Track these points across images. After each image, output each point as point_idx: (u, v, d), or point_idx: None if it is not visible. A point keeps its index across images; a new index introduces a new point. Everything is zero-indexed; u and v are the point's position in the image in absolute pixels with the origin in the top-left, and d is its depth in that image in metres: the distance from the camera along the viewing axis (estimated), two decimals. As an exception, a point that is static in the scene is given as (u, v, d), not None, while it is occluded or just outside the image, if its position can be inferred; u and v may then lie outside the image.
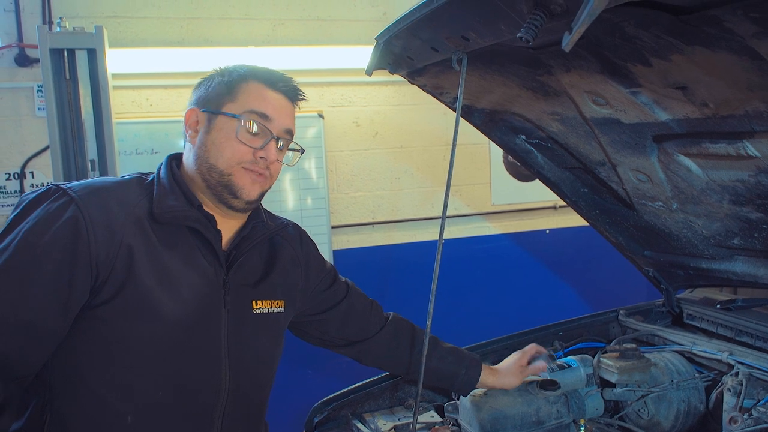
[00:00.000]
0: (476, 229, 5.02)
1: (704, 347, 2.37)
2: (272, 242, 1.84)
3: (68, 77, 3.39)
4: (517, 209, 5.08)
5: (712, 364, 2.32)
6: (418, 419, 2.24)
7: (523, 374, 2.21)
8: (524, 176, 4.97)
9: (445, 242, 1.63)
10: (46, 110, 3.37)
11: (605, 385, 2.29)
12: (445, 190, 1.68)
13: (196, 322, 1.57)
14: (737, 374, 2.08)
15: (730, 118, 1.57)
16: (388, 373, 2.41)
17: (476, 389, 2.18)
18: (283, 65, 4.17)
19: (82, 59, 3.40)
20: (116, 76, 3.79)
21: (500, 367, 2.24)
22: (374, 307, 2.18)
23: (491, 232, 5.05)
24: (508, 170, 5.00)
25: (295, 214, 4.45)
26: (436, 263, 1.68)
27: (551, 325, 2.82)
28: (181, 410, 1.58)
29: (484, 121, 2.41)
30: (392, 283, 4.75)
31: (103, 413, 1.50)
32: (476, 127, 2.45)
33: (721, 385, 2.16)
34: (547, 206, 5.08)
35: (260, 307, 1.73)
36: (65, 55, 3.38)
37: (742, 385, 2.01)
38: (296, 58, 4.27)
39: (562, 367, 2.29)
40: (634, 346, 2.31)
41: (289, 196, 4.45)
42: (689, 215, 2.19)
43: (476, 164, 4.96)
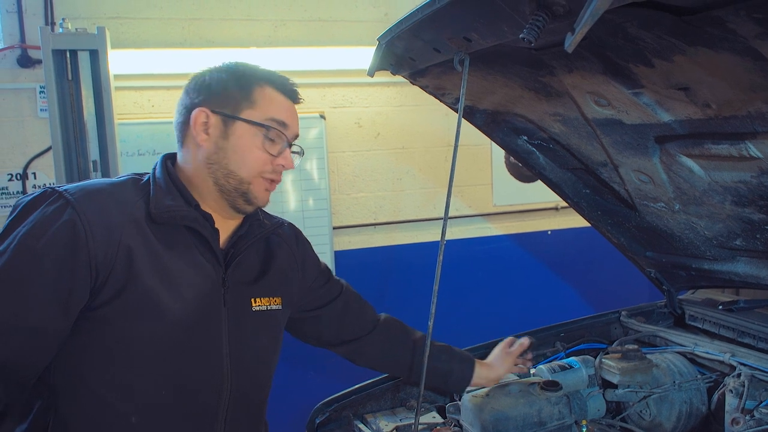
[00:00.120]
0: (478, 230, 5.02)
1: (706, 348, 2.36)
2: (268, 241, 1.85)
3: (70, 78, 3.40)
4: (518, 210, 5.08)
5: (714, 365, 2.32)
6: (419, 420, 2.24)
7: (511, 357, 2.27)
8: (526, 177, 4.97)
9: (446, 243, 1.62)
10: (48, 111, 3.37)
11: (607, 386, 2.29)
12: (447, 191, 1.68)
13: (197, 320, 1.57)
14: (739, 375, 2.08)
15: (732, 119, 1.57)
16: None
17: (478, 390, 2.19)
18: (284, 66, 4.18)
19: (84, 60, 3.40)
20: (118, 77, 3.79)
21: (489, 359, 2.29)
22: (368, 307, 2.20)
23: (493, 233, 5.05)
24: (509, 171, 5.00)
25: (296, 215, 4.45)
26: (438, 264, 1.68)
27: (553, 326, 2.82)
28: (184, 410, 1.58)
29: (486, 122, 2.41)
30: (394, 284, 4.75)
31: (106, 414, 1.50)
32: (478, 128, 2.45)
33: (723, 386, 2.15)
34: (548, 207, 5.08)
35: (259, 304, 1.73)
36: (67, 56, 3.38)
37: (744, 386, 2.00)
38: (298, 59, 4.28)
39: (564, 368, 2.29)
40: (636, 347, 2.31)
41: (290, 197, 4.45)
42: (691, 216, 2.19)
43: (478, 165, 4.96)
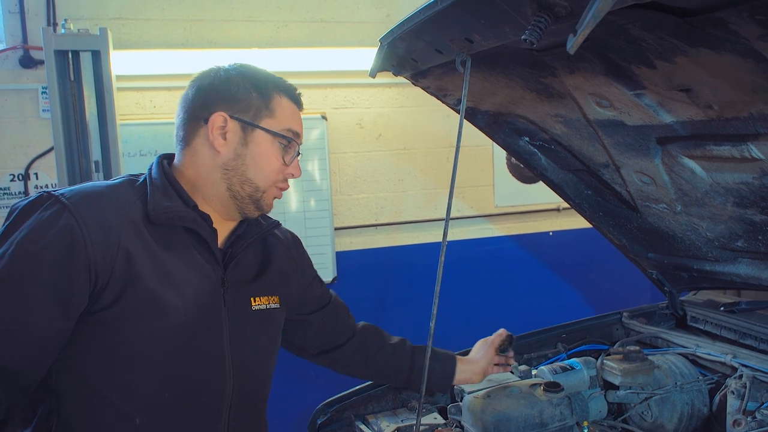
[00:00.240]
0: (479, 230, 5.02)
1: (708, 350, 2.36)
2: (265, 241, 1.86)
3: (72, 79, 3.40)
4: (520, 211, 5.08)
5: (715, 366, 2.32)
6: (421, 421, 2.24)
7: (491, 348, 2.29)
8: (527, 178, 4.97)
9: (448, 244, 1.62)
10: (50, 112, 3.38)
11: (608, 387, 2.28)
12: (448, 191, 1.68)
13: (198, 321, 1.58)
14: (741, 377, 2.07)
15: (734, 120, 1.57)
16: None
17: (479, 391, 2.18)
18: (286, 67, 4.20)
19: (86, 61, 3.41)
20: (120, 77, 3.80)
21: (470, 355, 2.31)
22: (350, 316, 2.21)
23: (494, 233, 5.05)
24: (511, 172, 5.00)
25: (298, 215, 4.46)
26: (439, 265, 1.67)
27: (554, 327, 2.81)
28: (187, 410, 1.58)
29: (487, 123, 2.41)
30: (395, 284, 4.75)
31: (110, 416, 1.50)
32: (480, 129, 2.45)
33: (724, 387, 2.15)
34: (550, 208, 5.08)
35: (258, 303, 1.74)
36: (70, 56, 3.39)
37: (745, 387, 2.00)
38: (300, 59, 4.28)
39: (565, 369, 2.29)
40: (637, 348, 2.31)
41: (292, 197, 4.45)
42: (693, 217, 2.19)
43: (479, 166, 4.96)
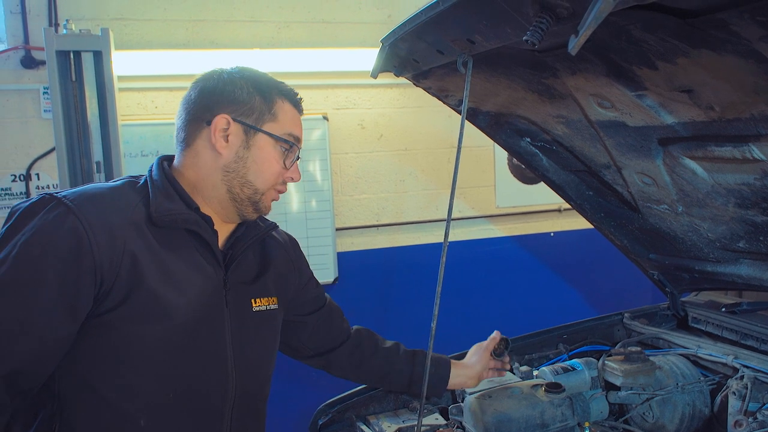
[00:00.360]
0: (480, 231, 5.02)
1: (709, 350, 2.36)
2: (263, 243, 1.87)
3: (74, 79, 3.40)
4: (521, 212, 5.08)
5: (717, 367, 2.32)
6: (422, 421, 2.24)
7: (485, 352, 2.27)
8: (529, 179, 4.97)
9: (449, 245, 1.63)
10: (52, 112, 3.38)
11: (610, 388, 2.29)
12: (449, 192, 1.69)
13: (201, 322, 1.58)
14: (742, 377, 2.07)
15: (735, 121, 1.57)
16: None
17: (481, 391, 2.18)
18: (288, 68, 4.19)
19: (88, 61, 3.41)
20: (122, 78, 3.80)
21: (465, 359, 2.30)
22: (344, 319, 2.21)
23: (496, 234, 5.05)
24: (512, 173, 5.00)
25: (299, 216, 4.46)
26: (441, 265, 1.67)
27: (556, 327, 2.81)
28: (191, 411, 1.59)
29: (489, 123, 2.41)
30: (396, 285, 4.75)
31: (114, 418, 1.50)
32: (481, 129, 2.45)
33: (726, 388, 2.15)
34: (551, 209, 5.08)
35: (259, 304, 1.75)
36: (71, 57, 3.39)
37: (747, 388, 2.00)
38: (301, 60, 4.28)
39: (566, 369, 2.29)
40: (638, 349, 2.31)
41: (293, 198, 4.45)
42: (694, 218, 2.19)
43: (481, 167, 4.96)
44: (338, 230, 4.62)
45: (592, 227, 2.74)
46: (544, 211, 5.09)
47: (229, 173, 1.63)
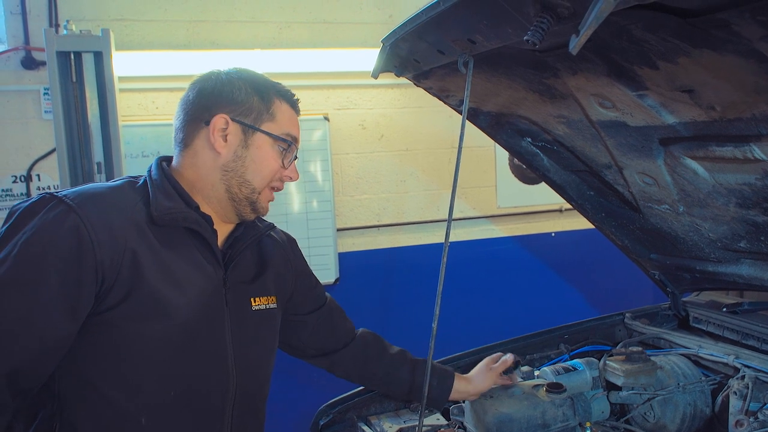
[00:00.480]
0: (482, 231, 5.02)
1: (710, 350, 2.36)
2: (261, 242, 1.87)
3: (75, 80, 3.40)
4: (522, 212, 5.08)
5: (718, 367, 2.32)
6: (423, 422, 2.24)
7: (493, 373, 2.22)
8: (530, 179, 4.97)
9: (450, 245, 1.62)
10: (52, 113, 3.38)
11: (611, 388, 2.28)
12: (450, 192, 1.69)
13: (202, 320, 1.59)
14: (743, 377, 2.07)
15: (737, 121, 1.57)
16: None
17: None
18: (289, 68, 4.20)
19: (88, 62, 3.40)
20: (123, 78, 3.79)
21: (470, 374, 2.25)
22: (347, 320, 2.20)
23: (497, 234, 5.05)
24: (513, 173, 5.00)
25: (300, 216, 4.46)
26: (442, 266, 1.67)
27: (557, 328, 2.81)
28: (191, 410, 1.59)
29: (490, 123, 2.41)
30: (398, 285, 4.75)
31: (114, 416, 1.50)
32: (482, 129, 2.45)
33: (727, 388, 2.15)
34: (552, 209, 5.08)
35: (258, 303, 1.76)
36: (72, 57, 3.39)
37: (748, 388, 2.00)
38: (302, 60, 4.28)
39: (567, 370, 2.29)
40: (640, 349, 2.31)
41: (294, 198, 4.45)
42: (696, 218, 2.19)
43: (482, 167, 4.96)
44: (339, 231, 4.62)
45: (593, 227, 2.74)
46: (545, 211, 5.09)
47: (227, 172, 1.63)
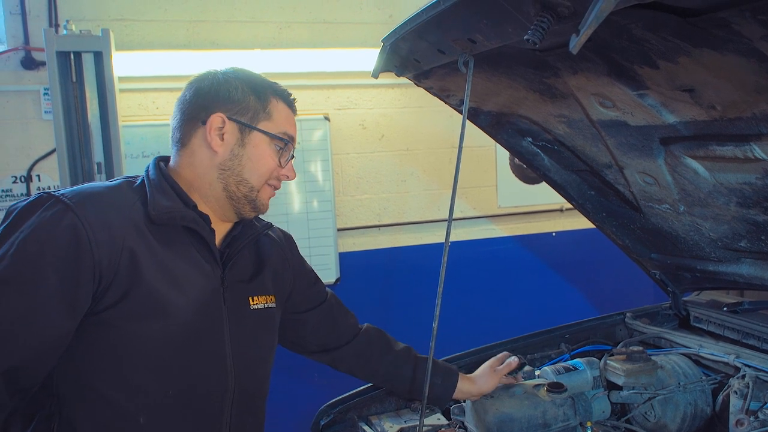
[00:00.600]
0: (482, 231, 5.02)
1: (711, 350, 2.36)
2: (259, 241, 1.88)
3: (75, 80, 3.40)
4: (523, 212, 5.08)
5: (718, 366, 2.32)
6: (424, 422, 2.24)
7: (497, 375, 2.22)
8: (530, 179, 4.96)
9: (451, 245, 1.63)
10: (52, 113, 3.38)
11: (612, 387, 2.28)
12: (451, 192, 1.68)
13: (200, 320, 1.59)
14: (744, 377, 2.07)
15: (737, 120, 1.57)
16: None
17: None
18: (289, 68, 4.20)
19: (88, 62, 3.41)
20: (123, 78, 3.80)
21: (474, 374, 2.25)
22: (350, 316, 2.20)
23: (497, 234, 5.05)
24: (514, 173, 5.00)
25: (301, 216, 4.46)
26: (442, 266, 1.67)
27: (558, 327, 2.81)
28: (190, 409, 1.59)
29: (490, 123, 2.41)
30: (398, 285, 4.75)
31: (113, 416, 1.50)
32: (482, 129, 2.45)
33: (727, 387, 2.15)
34: (553, 209, 5.08)
35: (256, 303, 1.76)
36: (72, 58, 3.39)
37: (748, 387, 2.00)
38: (302, 60, 4.28)
39: (568, 369, 2.29)
40: (640, 348, 2.31)
41: (295, 198, 4.45)
42: (696, 218, 2.19)
43: (482, 167, 4.96)
44: (340, 230, 4.62)
45: (593, 227, 2.74)
46: (545, 210, 5.09)
47: (224, 171, 1.64)
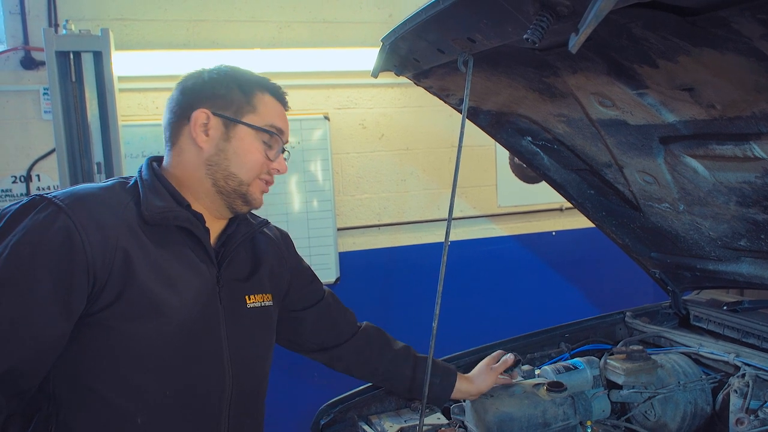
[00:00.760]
0: (482, 231, 5.02)
1: (711, 349, 2.36)
2: (255, 239, 1.87)
3: (74, 80, 3.40)
4: (523, 211, 5.08)
5: (718, 365, 2.32)
6: (424, 421, 2.24)
7: (494, 373, 2.23)
8: (530, 178, 4.96)
9: (451, 244, 1.62)
10: (52, 113, 3.38)
11: (612, 386, 2.28)
12: (451, 192, 1.68)
13: (196, 319, 1.58)
14: (744, 376, 2.07)
15: (737, 119, 1.57)
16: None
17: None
18: (289, 67, 4.20)
19: (88, 62, 3.40)
20: (122, 78, 3.80)
21: (472, 374, 2.26)
22: (348, 314, 2.19)
23: (497, 233, 5.05)
24: (514, 172, 4.99)
25: (300, 216, 4.46)
26: (442, 265, 1.67)
27: (558, 326, 2.81)
28: (188, 409, 1.59)
29: (490, 122, 2.41)
30: (398, 285, 4.75)
31: (111, 416, 1.50)
32: (482, 128, 2.45)
33: (727, 386, 2.15)
34: (553, 208, 5.08)
35: (253, 301, 1.76)
36: (71, 57, 3.39)
37: (748, 386, 2.00)
38: (302, 60, 4.28)
39: (568, 368, 2.29)
40: (640, 347, 2.31)
41: (294, 198, 4.45)
42: (696, 217, 2.19)
43: (482, 166, 4.96)
44: (340, 230, 4.62)
45: (593, 226, 2.74)
46: (545, 210, 5.10)
47: (211, 166, 1.64)
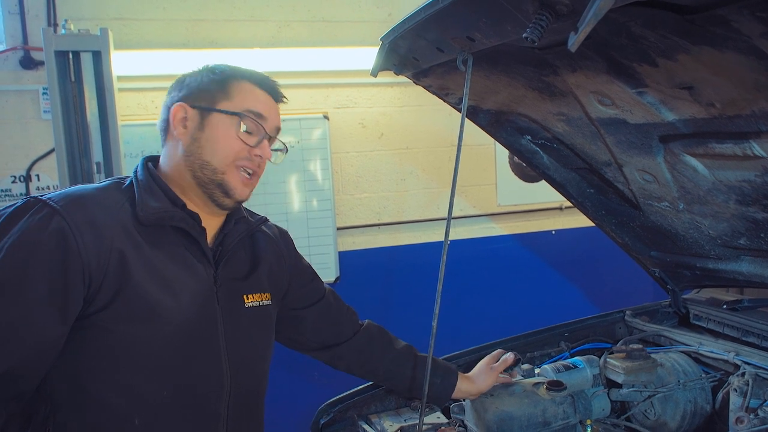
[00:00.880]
0: (482, 230, 5.02)
1: (711, 347, 2.36)
2: (254, 237, 1.86)
3: (73, 80, 3.40)
4: (522, 210, 5.08)
5: (718, 364, 2.32)
6: (424, 420, 2.24)
7: (494, 373, 2.23)
8: (530, 177, 4.95)
9: (450, 243, 1.62)
10: (51, 113, 3.37)
11: (612, 385, 2.28)
12: (450, 191, 1.68)
13: (193, 320, 1.58)
14: (743, 374, 2.07)
15: (736, 118, 1.57)
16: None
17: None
18: (288, 67, 4.20)
19: (87, 61, 3.40)
20: (121, 78, 3.79)
21: (472, 373, 2.26)
22: (350, 312, 2.18)
23: (497, 233, 5.05)
24: (513, 171, 4.99)
25: (300, 215, 4.46)
26: (441, 264, 1.67)
27: (557, 325, 2.81)
28: (186, 409, 1.59)
29: (489, 121, 2.41)
30: (398, 284, 4.75)
31: (108, 418, 1.50)
32: (482, 127, 2.45)
33: (727, 385, 2.15)
34: (553, 207, 5.08)
35: (251, 301, 1.75)
36: (70, 57, 3.39)
37: (748, 385, 2.00)
38: (302, 59, 4.28)
39: (568, 367, 2.29)
40: (640, 346, 2.31)
41: (294, 197, 4.45)
42: (695, 215, 2.19)
43: (482, 165, 4.96)
44: (339, 229, 4.62)
45: (593, 225, 2.74)
46: (545, 209, 5.10)
47: (188, 157, 1.63)
